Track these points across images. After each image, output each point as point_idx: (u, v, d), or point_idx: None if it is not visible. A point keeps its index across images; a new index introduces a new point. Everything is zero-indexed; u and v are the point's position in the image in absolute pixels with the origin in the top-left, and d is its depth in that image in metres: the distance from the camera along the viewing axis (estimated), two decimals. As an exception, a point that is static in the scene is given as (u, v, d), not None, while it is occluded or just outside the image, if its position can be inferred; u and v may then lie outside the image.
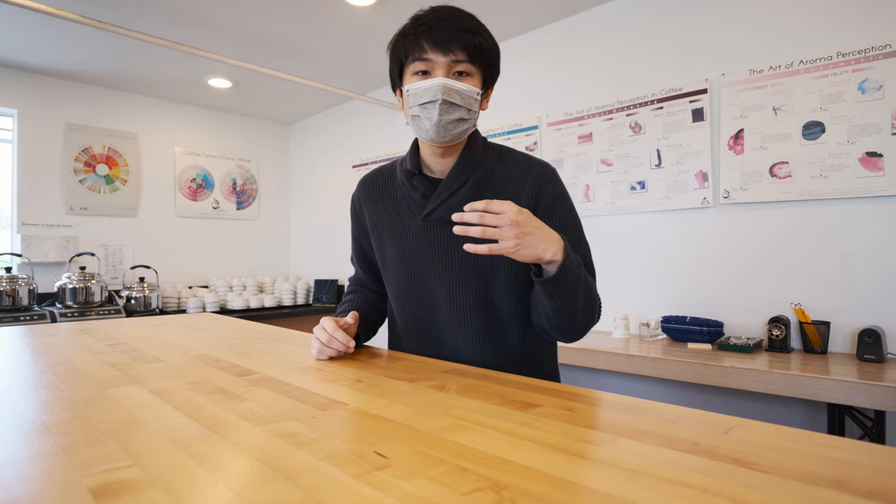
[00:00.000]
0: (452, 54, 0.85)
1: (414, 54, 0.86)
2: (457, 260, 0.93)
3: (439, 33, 0.84)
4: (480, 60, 0.88)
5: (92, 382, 0.75)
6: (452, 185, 0.92)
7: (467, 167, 0.93)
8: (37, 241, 3.19)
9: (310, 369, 0.83)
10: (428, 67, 0.86)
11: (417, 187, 0.95)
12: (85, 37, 2.75)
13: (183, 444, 0.49)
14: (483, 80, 0.91)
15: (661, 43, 2.29)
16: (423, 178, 0.96)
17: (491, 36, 0.90)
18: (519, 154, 0.98)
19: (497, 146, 1.00)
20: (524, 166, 0.95)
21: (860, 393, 1.43)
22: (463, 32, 0.85)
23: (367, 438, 0.51)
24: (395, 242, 0.98)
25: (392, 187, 1.01)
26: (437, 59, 0.85)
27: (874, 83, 1.77)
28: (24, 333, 1.27)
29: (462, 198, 0.91)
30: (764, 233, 2.01)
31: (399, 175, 1.00)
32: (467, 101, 0.87)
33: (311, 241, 4.35)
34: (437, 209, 0.93)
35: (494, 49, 0.91)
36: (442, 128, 0.87)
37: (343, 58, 3.09)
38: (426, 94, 0.85)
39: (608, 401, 0.63)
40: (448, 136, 0.89)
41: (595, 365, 1.98)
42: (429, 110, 0.86)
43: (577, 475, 0.42)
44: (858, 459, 0.43)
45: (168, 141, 3.85)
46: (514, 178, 0.94)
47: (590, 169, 2.52)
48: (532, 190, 0.92)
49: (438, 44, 0.84)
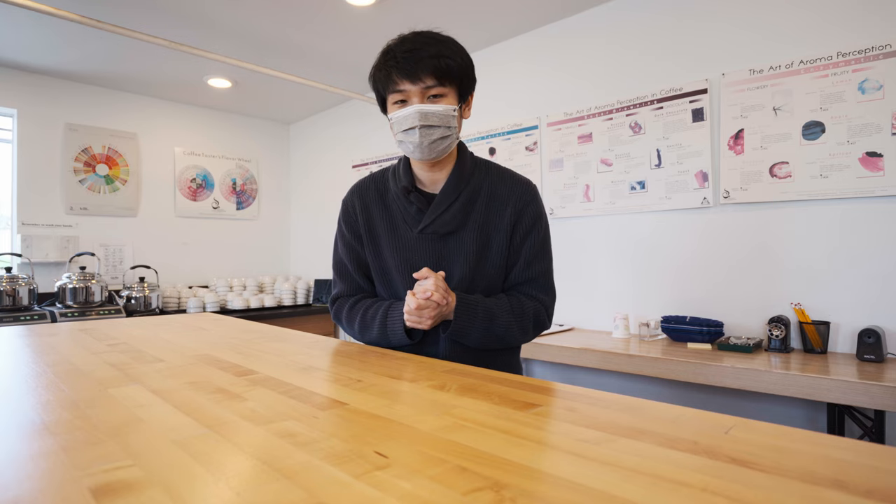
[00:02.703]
0: (422, 82, 0.93)
1: (389, 87, 0.95)
2: (450, 268, 1.02)
3: (406, 66, 0.92)
4: (450, 79, 0.95)
5: (92, 382, 0.75)
6: (445, 201, 1.02)
7: (458, 183, 1.02)
8: (37, 241, 3.19)
9: (310, 369, 0.83)
10: (404, 97, 0.95)
11: (413, 202, 1.03)
12: (85, 37, 2.75)
13: (183, 444, 0.49)
14: (458, 94, 0.98)
15: (661, 43, 2.29)
16: (419, 193, 1.04)
17: (459, 52, 0.97)
18: (504, 170, 1.08)
19: (483, 161, 1.09)
20: (509, 183, 1.06)
21: (860, 393, 1.43)
22: (429, 59, 0.92)
23: (367, 438, 0.51)
24: (392, 252, 1.05)
25: (387, 198, 1.08)
26: (410, 89, 0.94)
27: (874, 83, 1.77)
28: (24, 333, 1.27)
29: (455, 213, 1.01)
30: (764, 233, 2.01)
31: (393, 188, 1.07)
32: (444, 119, 0.95)
33: (311, 241, 4.35)
34: (432, 223, 1.02)
35: (464, 64, 0.98)
36: (426, 147, 0.96)
37: (343, 58, 3.09)
38: (406, 122, 0.95)
39: (608, 400, 0.63)
40: (434, 153, 0.98)
41: (595, 365, 1.98)
42: (410, 135, 0.95)
43: (576, 475, 0.42)
44: (858, 459, 0.43)
45: (168, 141, 3.85)
46: (500, 195, 1.04)
47: (590, 169, 2.52)
48: (515, 207, 1.04)
49: (408, 75, 0.93)
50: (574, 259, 2.58)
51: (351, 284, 1.13)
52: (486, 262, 1.03)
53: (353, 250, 1.11)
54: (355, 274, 1.12)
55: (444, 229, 1.01)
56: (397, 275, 1.05)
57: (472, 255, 1.01)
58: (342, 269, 1.14)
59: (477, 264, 1.02)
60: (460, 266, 1.02)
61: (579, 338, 2.23)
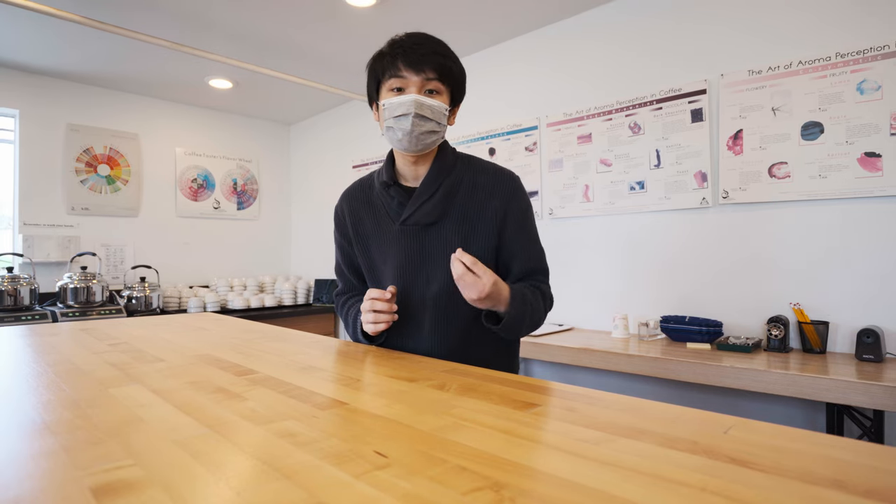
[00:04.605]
0: (424, 74, 0.96)
1: (390, 72, 0.97)
2: (430, 260, 1.04)
3: (413, 55, 0.96)
4: (449, 80, 0.99)
5: (93, 382, 0.75)
6: (425, 192, 1.03)
7: (439, 175, 1.04)
8: (38, 241, 3.19)
9: (310, 369, 0.83)
10: (402, 84, 0.97)
11: (394, 196, 1.06)
12: (86, 38, 2.75)
13: (184, 444, 0.49)
14: (451, 98, 1.02)
15: (660, 44, 2.29)
16: (399, 187, 1.07)
17: (459, 62, 1.03)
18: (486, 163, 1.10)
19: (464, 155, 1.11)
20: (492, 175, 1.06)
21: (859, 393, 1.43)
22: (435, 55, 0.96)
23: (367, 438, 0.51)
24: (378, 247, 1.08)
25: (372, 197, 1.12)
26: (411, 78, 0.96)
27: (873, 84, 1.77)
28: (25, 333, 1.27)
29: (435, 203, 1.03)
30: (763, 233, 2.01)
31: (377, 185, 1.10)
32: (437, 115, 0.98)
33: (311, 241, 4.35)
34: (413, 215, 1.03)
35: (462, 73, 1.03)
36: (415, 138, 0.98)
37: (344, 59, 3.10)
38: (400, 108, 0.96)
39: (607, 400, 0.64)
40: (420, 146, 1.00)
41: (595, 365, 1.99)
42: (402, 122, 0.96)
43: (576, 475, 0.42)
44: (857, 459, 0.44)
45: (169, 141, 3.86)
46: (483, 187, 1.05)
47: (589, 169, 2.53)
48: (502, 201, 1.04)
49: (413, 64, 0.96)
50: (573, 259, 2.58)
51: (346, 283, 1.22)
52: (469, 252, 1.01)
53: (344, 252, 1.18)
54: (348, 273, 1.20)
55: (426, 220, 1.03)
56: (383, 268, 1.08)
57: (454, 244, 1.02)
58: (339, 270, 1.22)
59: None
60: (442, 257, 1.02)
61: (579, 338, 2.23)
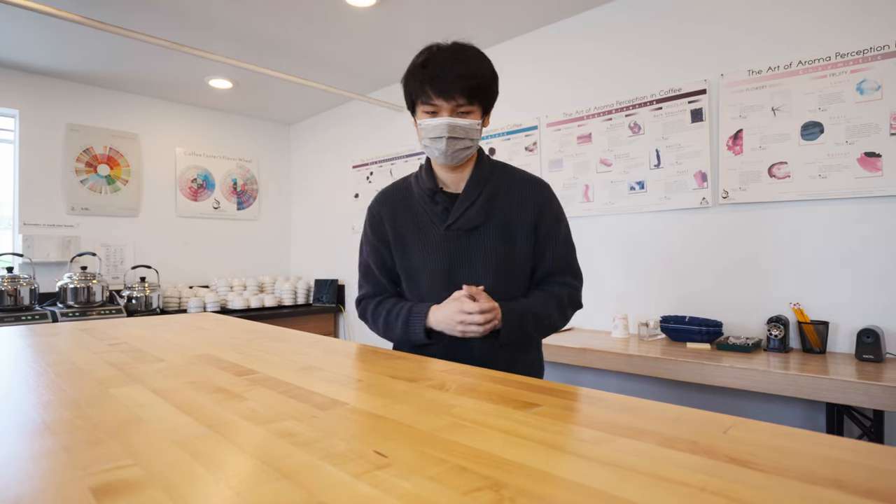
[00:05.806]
0: (454, 100, 1.01)
1: (422, 98, 1.03)
2: (474, 262, 1.10)
3: (441, 84, 1.00)
4: (479, 98, 1.04)
5: (93, 382, 0.75)
6: (469, 198, 1.10)
7: (479, 183, 1.11)
8: (38, 241, 3.19)
9: (310, 369, 0.83)
10: (434, 109, 1.03)
11: (439, 202, 1.11)
12: (86, 37, 2.75)
13: (184, 444, 0.49)
14: (483, 110, 1.07)
15: (660, 44, 2.29)
16: (444, 194, 1.12)
17: (486, 67, 1.04)
18: (519, 171, 1.18)
19: (499, 163, 1.18)
20: (527, 183, 1.15)
21: (859, 393, 1.43)
22: (461, 80, 1.00)
23: (367, 438, 0.51)
24: (420, 251, 1.12)
25: (411, 202, 1.16)
26: (442, 105, 1.02)
27: (872, 84, 1.77)
28: (25, 333, 1.27)
29: (478, 209, 1.09)
30: (762, 233, 2.01)
31: (416, 191, 1.15)
32: (469, 132, 1.05)
33: (311, 241, 4.35)
34: (458, 220, 1.09)
35: (491, 80, 1.06)
36: (450, 155, 1.06)
37: (344, 58, 3.09)
38: (434, 131, 1.03)
39: (607, 400, 0.64)
40: (456, 160, 1.08)
41: (595, 365, 1.99)
42: (437, 143, 1.04)
43: (576, 474, 0.42)
44: (857, 459, 0.44)
45: (169, 141, 3.86)
46: (519, 193, 1.13)
47: (589, 169, 2.53)
48: (536, 206, 1.12)
49: (441, 93, 1.01)
50: (574, 259, 2.58)
51: (376, 286, 1.20)
52: (510, 255, 1.10)
53: (378, 254, 1.18)
54: (380, 276, 1.19)
55: (469, 224, 1.09)
56: (425, 272, 1.12)
57: (496, 248, 1.09)
58: (368, 272, 1.21)
59: (501, 257, 1.09)
60: (485, 259, 1.09)
61: (579, 338, 2.23)
